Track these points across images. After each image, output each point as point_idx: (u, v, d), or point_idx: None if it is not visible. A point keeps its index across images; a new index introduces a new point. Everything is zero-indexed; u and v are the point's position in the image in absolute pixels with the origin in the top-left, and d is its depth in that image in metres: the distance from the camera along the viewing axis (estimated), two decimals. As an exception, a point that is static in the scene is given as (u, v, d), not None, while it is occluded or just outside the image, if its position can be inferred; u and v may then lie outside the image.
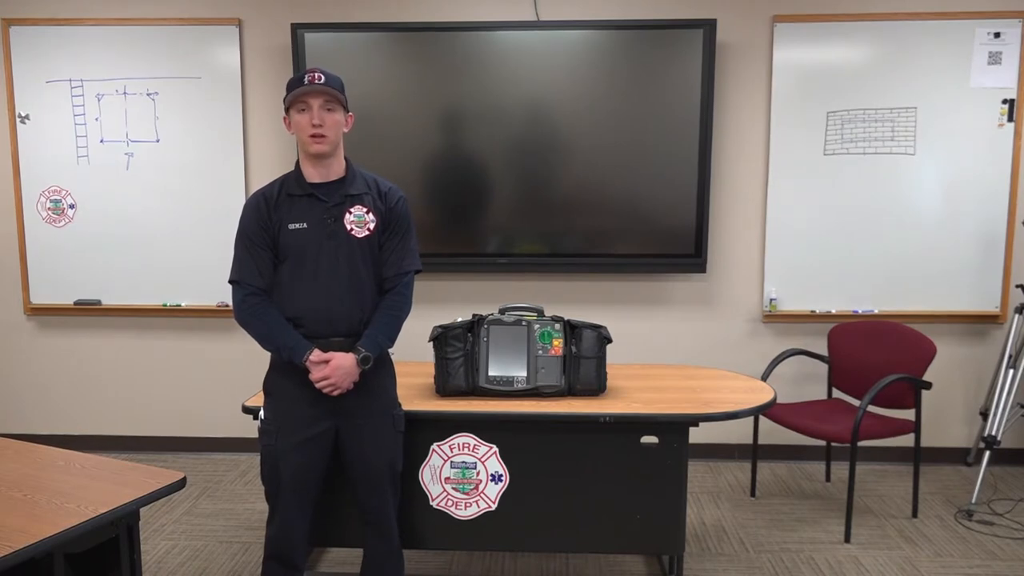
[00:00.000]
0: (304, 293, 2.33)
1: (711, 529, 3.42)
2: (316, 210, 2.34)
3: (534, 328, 2.73)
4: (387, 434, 2.45)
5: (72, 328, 4.31)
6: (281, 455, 2.36)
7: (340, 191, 2.36)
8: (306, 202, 2.34)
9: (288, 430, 2.36)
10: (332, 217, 2.34)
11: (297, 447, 2.36)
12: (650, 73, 3.88)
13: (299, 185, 2.36)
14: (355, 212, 2.37)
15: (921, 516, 3.53)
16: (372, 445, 2.43)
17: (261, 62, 4.08)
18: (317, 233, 2.33)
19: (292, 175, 2.39)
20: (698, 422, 2.63)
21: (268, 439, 2.38)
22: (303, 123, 2.30)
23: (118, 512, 1.89)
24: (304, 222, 2.32)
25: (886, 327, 3.71)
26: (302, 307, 2.33)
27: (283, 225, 2.32)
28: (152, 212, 4.15)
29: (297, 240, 2.32)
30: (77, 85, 4.10)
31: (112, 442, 4.34)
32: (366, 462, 2.43)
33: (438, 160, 3.99)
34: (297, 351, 2.30)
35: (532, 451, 2.67)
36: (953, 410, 4.15)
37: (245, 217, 2.36)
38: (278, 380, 2.39)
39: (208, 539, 3.35)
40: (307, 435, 2.36)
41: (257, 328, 2.34)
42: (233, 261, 2.38)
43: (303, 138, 2.31)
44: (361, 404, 2.40)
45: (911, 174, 3.96)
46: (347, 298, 2.35)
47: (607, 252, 4.01)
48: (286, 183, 2.38)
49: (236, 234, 2.38)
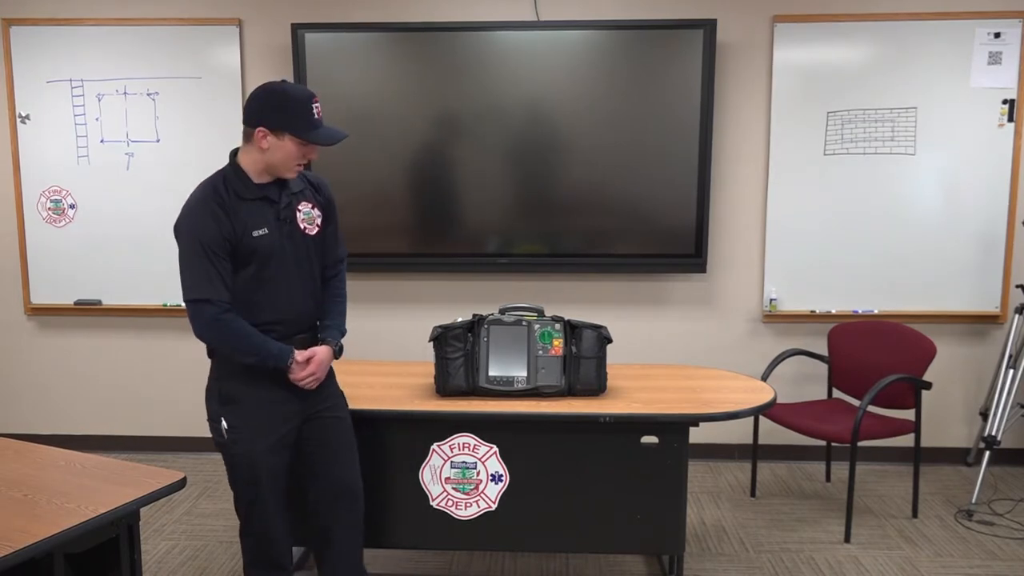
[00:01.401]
0: (275, 298, 2.29)
1: (711, 529, 3.42)
2: (270, 213, 2.28)
3: (534, 328, 2.73)
4: (344, 413, 2.49)
5: (72, 328, 4.31)
6: (259, 458, 2.31)
7: (284, 191, 2.32)
8: (258, 205, 2.26)
9: (262, 432, 2.31)
10: (286, 218, 2.31)
11: (273, 448, 2.33)
12: (650, 73, 3.88)
13: (247, 188, 2.25)
14: (303, 210, 2.36)
15: (921, 516, 3.53)
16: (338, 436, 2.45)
17: (261, 62, 4.08)
18: (278, 236, 2.28)
19: (231, 176, 2.26)
20: (698, 422, 2.63)
21: (239, 447, 2.31)
22: (294, 154, 2.22)
23: (118, 512, 1.89)
24: (264, 227, 2.26)
25: (886, 327, 3.71)
26: (275, 312, 2.30)
27: (247, 232, 2.22)
28: (152, 212, 4.15)
29: (263, 246, 2.25)
30: (77, 85, 4.10)
31: (112, 442, 4.34)
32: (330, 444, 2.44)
33: (438, 160, 3.99)
34: (282, 357, 2.28)
35: (532, 451, 2.67)
36: (953, 410, 4.15)
37: (200, 227, 2.19)
38: (241, 387, 2.30)
39: (208, 539, 3.35)
40: (281, 433, 2.35)
41: (235, 343, 2.25)
42: (190, 277, 2.21)
43: (288, 165, 2.24)
44: (320, 396, 2.42)
45: (911, 174, 3.96)
46: (309, 297, 2.39)
47: (607, 252, 4.01)
48: (230, 185, 2.24)
49: (187, 247, 2.21)
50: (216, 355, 2.35)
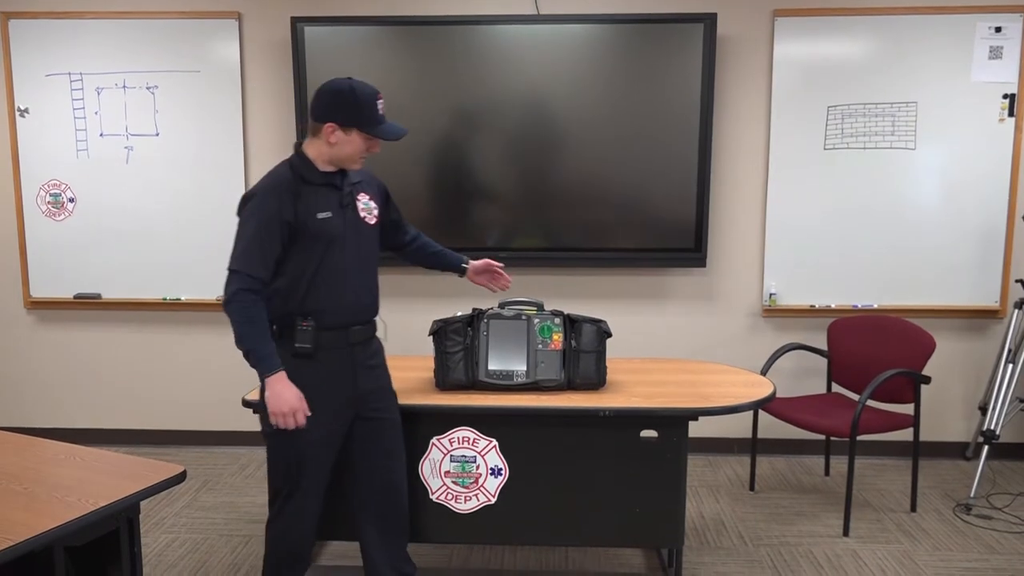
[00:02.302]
0: (333, 283, 2.32)
1: (710, 523, 3.43)
2: (334, 199, 2.34)
3: (534, 322, 2.73)
4: (396, 415, 2.52)
5: (72, 322, 4.31)
6: (305, 449, 2.32)
7: (346, 180, 2.38)
8: (324, 191, 2.33)
9: (311, 423, 2.30)
10: (348, 204, 2.36)
11: (321, 441, 2.35)
12: (650, 67, 3.87)
13: (313, 173, 2.32)
14: (363, 200, 2.42)
15: (920, 510, 3.54)
16: (386, 427, 2.47)
17: (261, 55, 4.07)
18: (340, 222, 2.33)
19: (298, 164, 2.32)
20: (697, 416, 2.63)
21: (287, 435, 2.29)
22: (360, 148, 2.31)
23: (118, 505, 1.89)
24: (328, 211, 2.31)
25: (886, 322, 3.71)
26: (331, 298, 2.32)
27: (311, 214, 2.28)
28: (151, 206, 4.14)
29: (326, 229, 2.30)
30: (76, 79, 4.09)
31: (112, 436, 4.34)
32: (381, 445, 2.46)
33: (437, 153, 3.99)
34: (266, 366, 2.24)
35: (532, 445, 2.68)
36: (952, 405, 4.16)
37: (264, 206, 2.25)
38: (295, 375, 2.28)
39: (208, 532, 3.35)
40: (331, 428, 2.36)
41: (241, 324, 2.25)
42: (237, 248, 2.27)
43: (354, 158, 2.32)
44: (374, 387, 2.44)
45: (911, 169, 3.96)
46: (367, 286, 2.41)
47: (607, 246, 4.01)
48: (298, 171, 2.31)
49: (247, 220, 2.27)
50: (275, 340, 2.32)
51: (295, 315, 2.30)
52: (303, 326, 2.29)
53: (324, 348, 2.32)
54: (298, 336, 2.30)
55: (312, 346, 2.30)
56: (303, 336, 2.29)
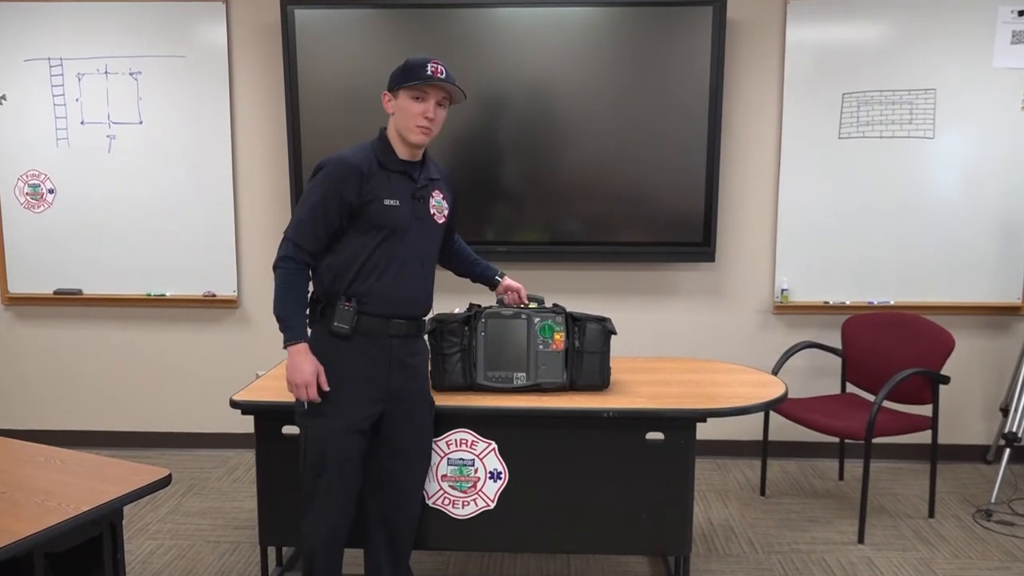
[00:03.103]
0: (386, 272, 2.36)
1: (719, 529, 3.43)
2: (406, 189, 2.38)
3: (534, 322, 2.72)
4: (427, 424, 2.55)
5: (52, 319, 4.32)
6: (330, 439, 2.36)
7: (424, 174, 2.44)
8: (398, 179, 2.37)
9: (338, 413, 2.36)
10: (421, 198, 2.41)
11: (347, 433, 2.37)
12: (657, 52, 3.87)
13: (392, 160, 2.37)
14: (436, 198, 2.48)
15: (938, 516, 3.54)
16: (414, 435, 2.50)
17: (249, 40, 4.07)
18: (407, 213, 2.38)
19: (379, 146, 2.38)
20: (706, 418, 2.63)
21: (316, 420, 2.36)
22: (415, 111, 2.33)
23: (101, 510, 1.90)
24: (397, 199, 2.35)
25: (902, 319, 3.71)
26: (381, 286, 2.35)
27: (378, 198, 2.32)
28: (135, 197, 4.14)
29: (391, 217, 2.34)
30: (56, 64, 4.09)
31: (94, 438, 4.35)
32: (407, 454, 2.50)
33: (434, 142, 3.96)
34: (292, 335, 2.32)
35: (532, 448, 2.68)
36: (972, 406, 4.16)
37: (331, 181, 2.31)
38: (330, 361, 2.35)
39: (195, 538, 3.36)
40: (355, 419, 2.38)
41: (280, 289, 2.33)
42: (296, 214, 2.36)
43: (409, 125, 2.34)
44: (409, 387, 2.46)
45: (930, 159, 3.96)
46: (422, 282, 2.45)
47: (611, 240, 4.01)
48: (379, 154, 2.36)
49: (312, 190, 2.33)
50: (315, 323, 2.40)
51: (341, 294, 2.35)
52: (345, 306, 2.34)
53: (362, 333, 2.36)
54: (337, 315, 2.35)
55: (349, 327, 2.34)
56: (342, 316, 2.34)
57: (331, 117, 3.94)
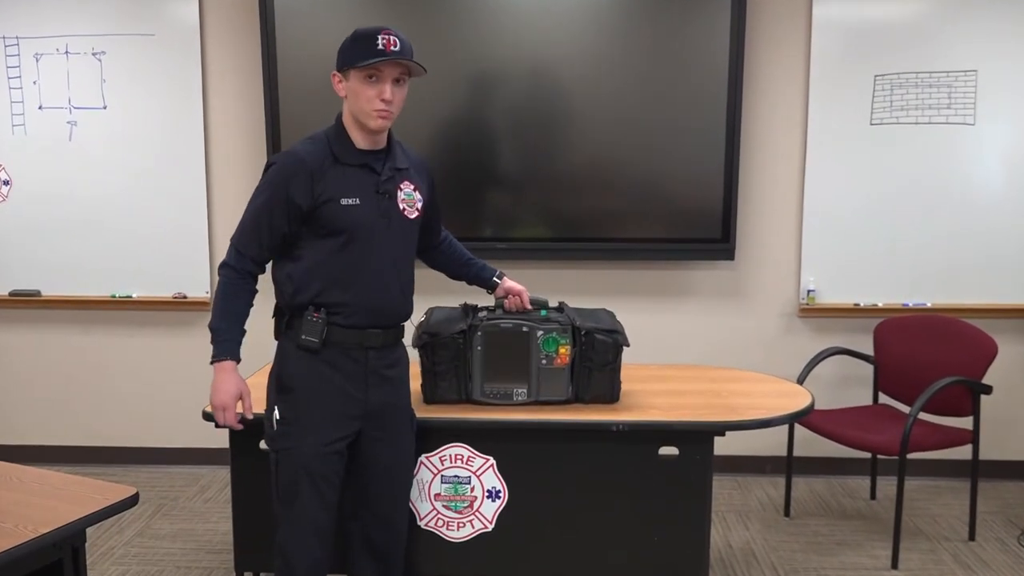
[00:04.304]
0: (356, 279, 2.32)
1: (739, 553, 3.44)
2: (367, 183, 2.32)
3: (536, 335, 2.67)
4: (409, 440, 2.53)
5: (7, 323, 4.32)
6: (306, 460, 2.33)
7: (389, 163, 2.36)
8: (356, 173, 2.31)
9: (313, 431, 2.33)
10: (386, 193, 2.35)
11: (322, 452, 2.34)
12: (670, 30, 3.87)
13: (349, 152, 2.30)
14: (405, 190, 2.40)
15: (979, 539, 3.55)
16: (395, 453, 2.48)
17: (224, 17, 4.07)
18: (370, 211, 2.31)
19: (334, 136, 2.31)
20: (724, 431, 2.63)
21: (288, 441, 2.34)
22: (369, 95, 2.23)
23: (62, 532, 1.89)
24: (356, 197, 2.29)
25: (940, 322, 3.72)
26: (354, 294, 2.32)
27: (333, 199, 2.26)
28: (98, 189, 4.14)
29: (350, 217, 2.28)
30: (12, 43, 4.09)
31: (54, 453, 4.35)
32: (389, 473, 2.47)
33: (428, 132, 3.98)
34: (219, 351, 2.32)
35: (534, 464, 2.68)
36: (1017, 418, 4.17)
37: (277, 182, 2.26)
38: (300, 377, 2.34)
39: (164, 563, 3.36)
40: (332, 438, 2.35)
41: (219, 300, 2.34)
42: (242, 221, 2.33)
43: (366, 110, 2.24)
44: (388, 402, 2.43)
45: (970, 147, 3.96)
46: (395, 287, 2.40)
47: (620, 236, 4.02)
48: (334, 146, 2.29)
49: (258, 193, 2.30)
50: (281, 335, 2.38)
51: (307, 304, 2.32)
52: (313, 317, 2.31)
53: (333, 345, 2.33)
54: (305, 327, 2.31)
55: (319, 340, 2.31)
56: (311, 328, 2.31)
57: (313, 102, 3.92)
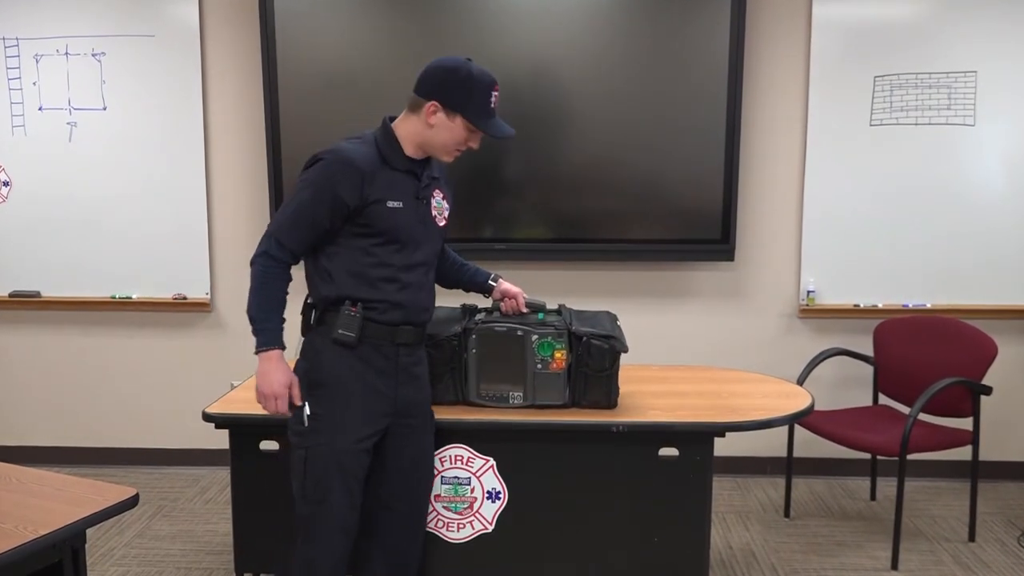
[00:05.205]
0: (391, 276, 2.36)
1: (739, 554, 3.44)
2: (409, 188, 2.38)
3: (531, 339, 2.66)
4: (430, 439, 2.56)
5: (7, 323, 4.32)
6: (337, 457, 2.34)
7: (427, 171, 2.43)
8: (402, 178, 2.36)
9: (343, 428, 2.35)
10: (424, 199, 2.41)
11: (353, 449, 2.36)
12: (671, 31, 3.88)
13: (399, 158, 2.36)
14: (437, 198, 2.48)
15: (979, 540, 3.55)
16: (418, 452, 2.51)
17: (224, 18, 4.07)
18: (411, 215, 2.37)
19: (383, 140, 2.37)
20: (724, 432, 2.64)
21: (320, 437, 2.34)
22: (459, 139, 2.35)
23: (61, 534, 1.90)
24: (400, 200, 2.35)
25: (940, 323, 3.72)
26: (387, 291, 2.35)
27: (380, 200, 2.31)
28: (98, 190, 4.15)
29: (394, 219, 2.33)
30: (12, 44, 4.10)
31: (54, 454, 4.35)
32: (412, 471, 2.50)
33: (427, 131, 3.98)
34: (263, 341, 2.31)
35: (534, 465, 2.68)
36: (1017, 419, 4.17)
37: (327, 179, 2.27)
38: (332, 372, 2.36)
39: (164, 564, 3.36)
40: (362, 435, 2.38)
41: (256, 290, 2.32)
42: (283, 213, 2.33)
43: (448, 148, 2.36)
44: (415, 398, 2.47)
45: (970, 148, 3.96)
46: (427, 288, 2.47)
47: (620, 237, 4.02)
48: (384, 150, 2.35)
49: (304, 186, 2.30)
50: (310, 331, 2.40)
51: (344, 299, 2.34)
52: (350, 312, 2.32)
53: (368, 341, 2.36)
54: (341, 321, 2.32)
55: (356, 335, 2.33)
56: (347, 323, 2.32)
57: (314, 103, 3.94)
